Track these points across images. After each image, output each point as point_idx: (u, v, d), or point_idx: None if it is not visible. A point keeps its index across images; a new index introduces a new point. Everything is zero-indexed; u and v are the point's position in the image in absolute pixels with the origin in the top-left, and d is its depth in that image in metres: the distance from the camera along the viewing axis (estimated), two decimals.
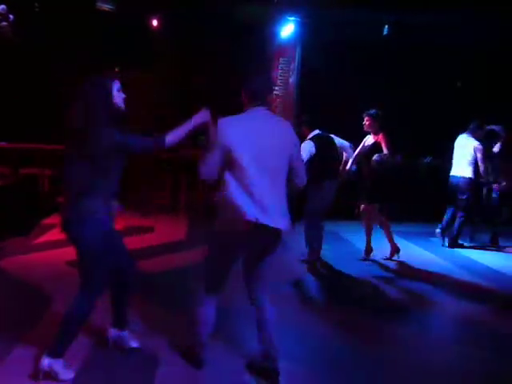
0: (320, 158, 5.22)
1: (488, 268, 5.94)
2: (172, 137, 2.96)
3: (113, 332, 3.32)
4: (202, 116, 2.99)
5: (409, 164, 8.72)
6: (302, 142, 4.92)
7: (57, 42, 8.48)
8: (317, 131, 5.42)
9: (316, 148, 5.25)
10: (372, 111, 5.66)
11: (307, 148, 5.20)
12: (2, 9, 7.84)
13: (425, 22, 7.44)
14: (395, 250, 5.91)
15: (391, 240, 5.89)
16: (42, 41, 8.52)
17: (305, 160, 4.93)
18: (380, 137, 5.66)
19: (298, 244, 5.65)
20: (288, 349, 3.32)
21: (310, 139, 5.34)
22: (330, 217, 5.67)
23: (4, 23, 7.91)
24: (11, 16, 7.91)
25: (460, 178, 6.59)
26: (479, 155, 6.46)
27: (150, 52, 8.63)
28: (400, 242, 6.14)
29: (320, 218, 5.49)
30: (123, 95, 2.94)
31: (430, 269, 5.72)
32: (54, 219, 7.11)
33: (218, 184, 2.91)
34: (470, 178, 6.55)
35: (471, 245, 6.96)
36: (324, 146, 5.35)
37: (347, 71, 8.66)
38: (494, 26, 7.56)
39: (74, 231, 2.84)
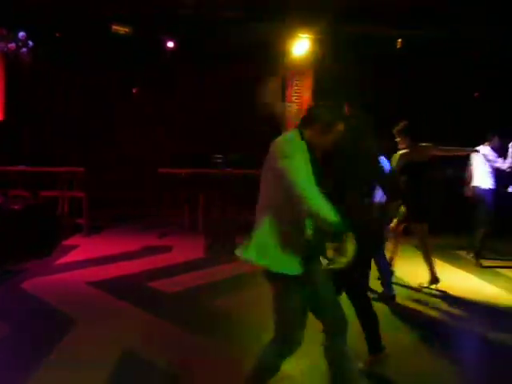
0: None
1: None
2: None
3: None
4: None
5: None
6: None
7: (75, 65, 8.67)
8: None
9: None
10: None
11: None
12: (22, 35, 8.08)
13: (438, 34, 7.45)
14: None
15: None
16: (61, 65, 8.74)
17: None
18: None
19: None
20: None
21: None
22: None
23: (24, 49, 8.14)
24: (30, 42, 8.14)
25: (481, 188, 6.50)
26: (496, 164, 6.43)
27: (167, 73, 8.75)
28: None
29: None
30: None
31: None
32: (74, 240, 7.18)
33: None
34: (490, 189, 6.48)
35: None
36: None
37: (362, 86, 8.65)
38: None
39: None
